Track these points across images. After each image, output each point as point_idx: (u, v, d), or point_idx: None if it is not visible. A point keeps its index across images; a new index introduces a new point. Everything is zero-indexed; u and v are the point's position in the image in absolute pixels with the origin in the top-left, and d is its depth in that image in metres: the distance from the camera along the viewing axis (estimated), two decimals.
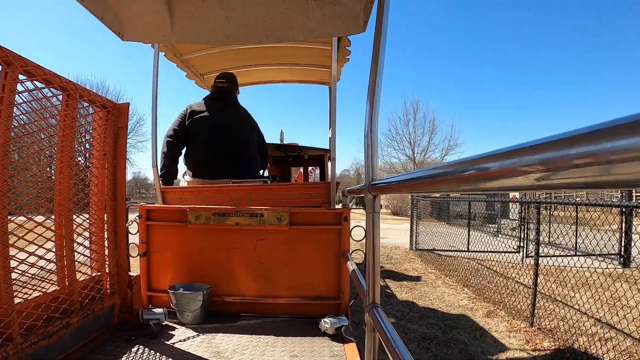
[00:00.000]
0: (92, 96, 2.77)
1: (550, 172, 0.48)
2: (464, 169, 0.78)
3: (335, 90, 3.79)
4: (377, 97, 1.73)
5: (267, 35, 3.07)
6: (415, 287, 7.50)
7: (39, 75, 2.23)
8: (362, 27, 2.95)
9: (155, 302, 3.46)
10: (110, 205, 2.98)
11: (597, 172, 0.40)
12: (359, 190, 2.34)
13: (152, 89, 3.65)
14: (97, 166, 2.87)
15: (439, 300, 6.70)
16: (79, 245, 2.65)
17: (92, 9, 2.62)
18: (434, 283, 7.93)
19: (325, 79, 5.73)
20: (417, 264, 10.10)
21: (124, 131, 3.07)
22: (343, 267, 3.29)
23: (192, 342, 2.78)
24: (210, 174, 3.92)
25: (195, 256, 3.44)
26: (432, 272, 9.08)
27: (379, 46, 1.73)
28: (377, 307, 1.59)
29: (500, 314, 5.94)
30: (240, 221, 3.33)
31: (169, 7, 2.87)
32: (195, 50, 4.60)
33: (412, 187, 1.21)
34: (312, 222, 3.37)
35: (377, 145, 1.79)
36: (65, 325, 2.38)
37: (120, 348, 2.61)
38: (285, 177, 7.51)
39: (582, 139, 0.42)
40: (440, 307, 6.28)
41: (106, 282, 2.94)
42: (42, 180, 2.52)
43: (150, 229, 3.46)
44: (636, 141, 0.35)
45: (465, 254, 10.26)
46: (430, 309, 6.17)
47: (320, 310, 3.26)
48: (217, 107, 4.08)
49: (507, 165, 0.59)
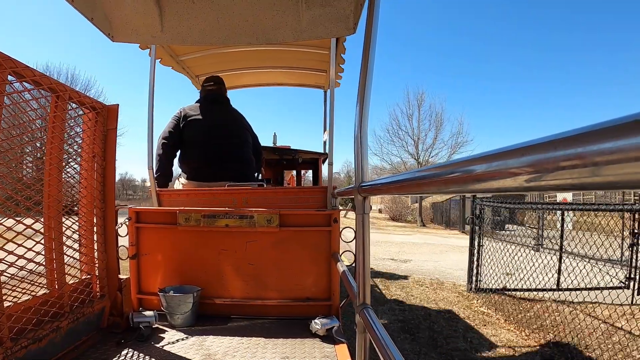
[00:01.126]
0: (81, 98, 2.75)
1: (538, 174, 0.49)
2: (451, 170, 0.79)
3: (334, 94, 3.79)
4: (367, 99, 1.74)
5: (258, 36, 3.06)
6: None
7: (28, 76, 2.21)
8: (352, 28, 2.96)
9: (146, 305, 3.43)
10: (99, 208, 2.96)
11: (584, 174, 0.41)
12: (349, 191, 2.35)
13: (149, 92, 3.64)
14: (87, 168, 2.85)
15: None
16: (69, 248, 2.63)
17: (82, 9, 2.60)
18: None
19: (320, 82, 5.76)
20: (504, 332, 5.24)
21: (114, 133, 3.05)
22: (333, 269, 3.29)
23: (182, 344, 2.77)
24: (206, 176, 3.91)
25: (186, 258, 3.42)
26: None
27: (369, 48, 1.75)
28: (368, 308, 1.60)
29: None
30: (230, 223, 3.33)
31: (159, 8, 2.86)
32: (191, 52, 4.60)
33: (400, 188, 1.22)
34: (302, 223, 3.37)
35: (367, 147, 1.80)
36: (55, 328, 2.36)
37: (111, 351, 2.59)
38: (278, 180, 7.49)
39: (568, 142, 0.43)
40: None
41: (96, 285, 2.91)
42: (31, 182, 2.49)
43: (140, 231, 3.44)
44: (621, 144, 0.35)
45: (549, 293, 6.89)
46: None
47: (311, 312, 3.26)
48: (211, 109, 4.07)
49: (494, 167, 0.60)
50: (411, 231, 23.41)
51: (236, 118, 4.22)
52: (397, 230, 24.13)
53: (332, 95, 3.79)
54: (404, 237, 18.04)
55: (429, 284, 8.07)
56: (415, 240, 16.24)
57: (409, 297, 7.03)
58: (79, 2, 2.55)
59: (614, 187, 0.39)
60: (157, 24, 2.92)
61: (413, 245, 15.20)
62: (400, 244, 15.47)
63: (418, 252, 13.46)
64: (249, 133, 4.28)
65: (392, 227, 25.57)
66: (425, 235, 19.37)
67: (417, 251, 13.65)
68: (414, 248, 14.45)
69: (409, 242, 15.85)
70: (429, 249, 14.29)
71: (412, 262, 11.07)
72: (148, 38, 3.03)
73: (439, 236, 19.35)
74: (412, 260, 11.51)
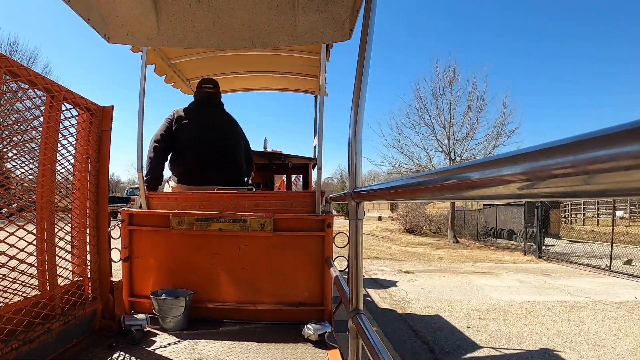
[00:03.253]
0: (76, 98, 2.74)
1: (530, 181, 0.50)
2: (446, 177, 0.80)
3: (323, 99, 3.80)
4: (362, 104, 1.75)
5: (254, 40, 3.07)
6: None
7: (23, 75, 2.21)
8: (348, 34, 2.98)
9: (138, 308, 3.42)
10: (92, 209, 2.95)
11: (576, 182, 0.42)
12: (342, 197, 2.35)
13: (139, 94, 3.62)
14: (80, 169, 2.84)
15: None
16: (61, 250, 2.61)
17: (78, 10, 2.60)
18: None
19: (310, 87, 5.78)
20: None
21: (108, 134, 3.04)
22: (326, 274, 3.29)
23: (174, 348, 2.75)
24: (197, 180, 3.89)
25: (178, 262, 3.41)
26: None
27: (364, 54, 1.75)
28: (361, 314, 1.60)
29: None
30: (223, 227, 3.32)
31: (155, 10, 2.86)
32: (183, 55, 4.60)
33: (394, 194, 1.22)
34: (295, 228, 3.37)
35: (361, 152, 1.80)
36: (47, 330, 2.35)
37: (102, 354, 2.58)
38: (268, 185, 7.48)
39: (561, 150, 0.44)
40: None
41: (88, 287, 2.90)
42: (23, 182, 2.48)
43: (133, 233, 3.43)
44: (613, 152, 0.36)
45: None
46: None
47: (303, 317, 3.26)
48: (205, 112, 4.06)
49: (488, 175, 0.61)
50: (458, 255, 16.87)
51: (230, 122, 4.21)
52: (440, 253, 17.48)
53: (322, 100, 3.80)
54: (484, 280, 10.48)
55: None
56: (532, 297, 8.37)
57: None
58: (75, 3, 2.55)
59: (606, 195, 0.39)
60: (154, 26, 2.92)
61: (558, 316, 7.03)
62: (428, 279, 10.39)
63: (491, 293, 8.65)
64: (241, 138, 4.28)
65: (423, 247, 20.33)
66: (500, 272, 11.89)
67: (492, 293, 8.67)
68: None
69: (529, 301, 7.95)
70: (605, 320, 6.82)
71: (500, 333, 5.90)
72: (144, 40, 3.03)
73: (532, 272, 12.03)
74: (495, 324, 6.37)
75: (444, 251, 18.47)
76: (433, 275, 11.07)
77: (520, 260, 15.61)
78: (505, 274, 11.47)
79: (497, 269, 12.67)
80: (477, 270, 12.21)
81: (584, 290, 9.24)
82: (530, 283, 10.06)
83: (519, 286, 9.64)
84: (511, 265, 13.97)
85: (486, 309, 7.39)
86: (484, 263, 14.39)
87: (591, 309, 7.48)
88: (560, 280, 10.44)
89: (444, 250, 18.80)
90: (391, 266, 12.62)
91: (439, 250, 18.68)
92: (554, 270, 12.56)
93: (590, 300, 8.18)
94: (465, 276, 10.85)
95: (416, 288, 9.10)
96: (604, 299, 8.36)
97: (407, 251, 18.06)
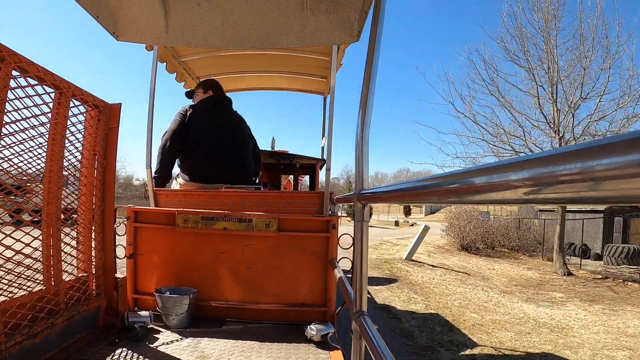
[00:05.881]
0: (84, 95, 2.75)
1: (537, 187, 0.50)
2: (452, 181, 0.80)
3: (333, 100, 3.80)
4: (370, 106, 1.75)
5: (262, 41, 3.08)
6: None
7: (32, 72, 2.22)
8: (356, 36, 2.98)
9: (141, 305, 3.43)
10: (98, 206, 2.96)
11: (582, 188, 0.42)
12: (348, 198, 2.35)
13: (150, 91, 3.64)
14: (87, 166, 2.85)
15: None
16: (66, 245, 2.63)
17: (87, 7, 2.62)
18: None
19: (320, 88, 5.79)
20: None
21: (115, 132, 3.05)
22: (330, 275, 3.29)
23: (177, 346, 2.76)
24: (208, 178, 3.90)
25: (183, 260, 3.42)
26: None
27: (373, 56, 1.76)
28: (364, 315, 1.60)
29: None
30: (228, 226, 3.33)
31: (164, 9, 2.88)
32: (193, 53, 4.62)
33: (400, 197, 1.22)
34: (300, 228, 3.37)
35: (368, 153, 1.80)
36: (50, 325, 2.36)
37: (105, 350, 2.59)
38: (275, 185, 7.49)
39: (568, 157, 0.44)
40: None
41: (92, 284, 2.91)
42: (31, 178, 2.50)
43: (138, 230, 3.45)
44: (619, 160, 0.37)
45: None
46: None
47: (307, 317, 3.26)
48: (216, 111, 4.07)
49: (495, 180, 0.61)
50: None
51: (240, 121, 4.23)
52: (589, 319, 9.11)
53: (332, 101, 3.79)
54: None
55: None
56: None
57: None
58: (85, 0, 2.57)
59: (611, 201, 0.40)
60: (162, 25, 2.94)
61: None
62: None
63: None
64: (249, 137, 4.30)
65: (533, 289, 12.38)
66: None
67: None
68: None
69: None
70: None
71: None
72: (152, 39, 3.05)
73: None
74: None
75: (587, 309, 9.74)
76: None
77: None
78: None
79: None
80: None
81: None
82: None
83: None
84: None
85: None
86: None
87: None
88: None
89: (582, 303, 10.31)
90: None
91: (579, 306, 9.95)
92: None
93: None
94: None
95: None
96: None
97: (467, 267, 10.62)
